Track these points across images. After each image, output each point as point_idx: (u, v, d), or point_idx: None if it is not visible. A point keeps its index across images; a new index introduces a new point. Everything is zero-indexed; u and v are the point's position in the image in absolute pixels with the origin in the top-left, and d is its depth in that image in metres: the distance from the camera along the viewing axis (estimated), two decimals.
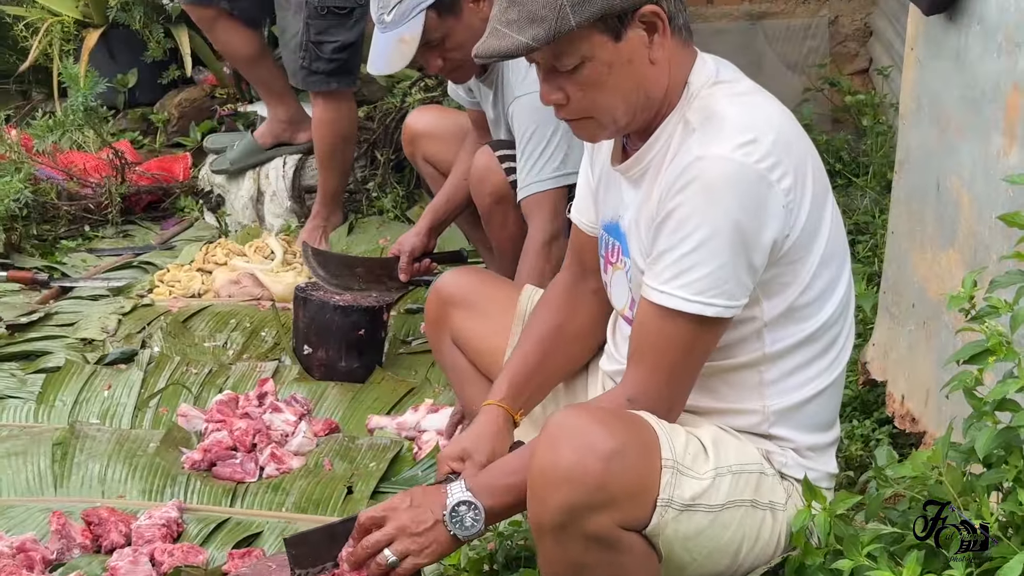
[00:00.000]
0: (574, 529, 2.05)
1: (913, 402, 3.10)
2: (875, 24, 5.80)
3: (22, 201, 4.98)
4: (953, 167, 2.93)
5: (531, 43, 2.08)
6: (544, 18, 2.07)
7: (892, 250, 3.27)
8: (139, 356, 3.98)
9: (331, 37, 4.56)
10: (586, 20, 2.08)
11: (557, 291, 2.62)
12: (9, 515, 3.14)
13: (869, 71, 5.82)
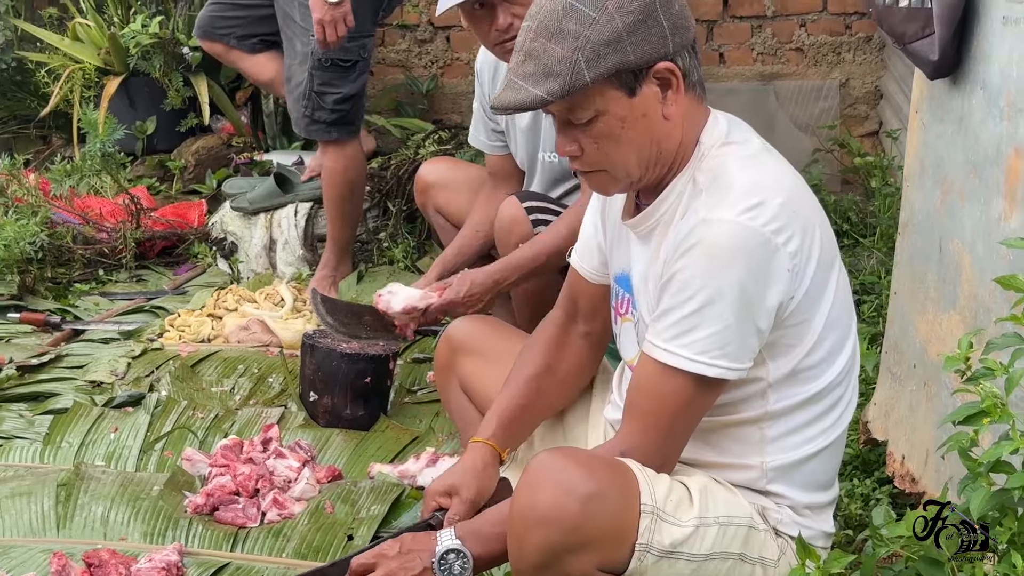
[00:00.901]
0: (553, 570, 2.06)
1: (913, 463, 3.08)
2: (885, 87, 5.82)
3: (37, 244, 4.99)
4: (955, 230, 2.93)
5: (546, 97, 2.09)
6: (559, 73, 2.08)
7: (894, 311, 3.27)
8: (146, 399, 3.97)
9: (334, 88, 4.58)
10: (600, 76, 2.09)
11: (548, 332, 2.64)
12: (11, 555, 3.11)
13: (879, 133, 5.84)
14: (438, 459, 3.47)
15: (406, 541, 2.28)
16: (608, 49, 2.10)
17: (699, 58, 2.26)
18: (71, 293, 5.05)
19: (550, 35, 2.11)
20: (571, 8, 2.10)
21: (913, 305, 3.16)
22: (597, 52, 2.09)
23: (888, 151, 5.51)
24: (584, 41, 2.09)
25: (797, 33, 5.93)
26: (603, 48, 2.09)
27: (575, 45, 2.09)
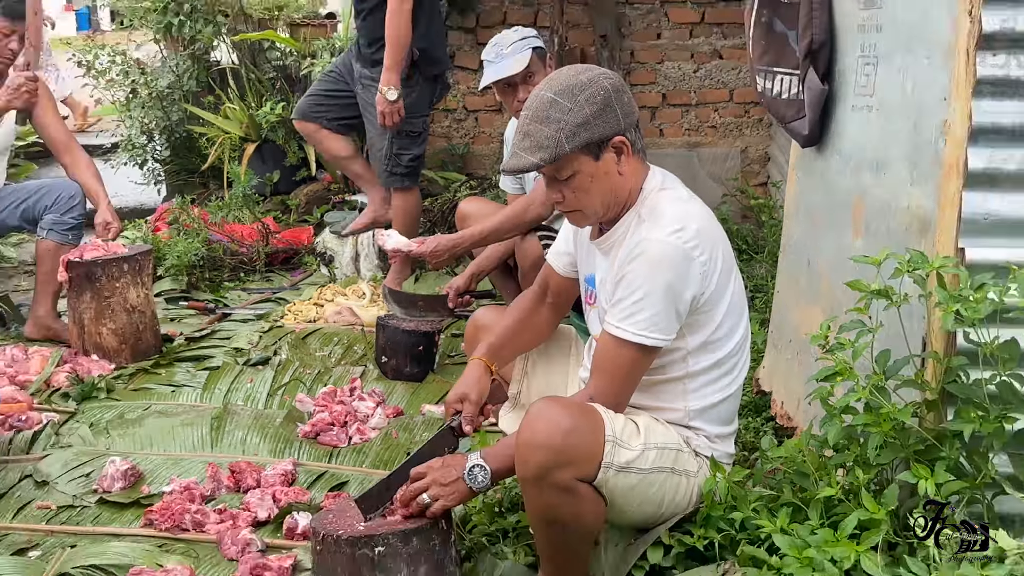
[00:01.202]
0: (545, 481, 2.06)
1: (789, 407, 3.07)
2: (772, 152, 5.81)
3: (199, 255, 5.01)
4: (818, 250, 2.92)
5: (539, 163, 2.13)
6: (548, 147, 2.12)
7: (777, 304, 3.26)
8: (272, 360, 3.98)
9: (407, 151, 4.56)
10: (576, 147, 2.13)
11: (527, 298, 2.68)
12: (180, 465, 3.13)
13: (767, 184, 5.82)
14: None
15: (447, 459, 2.28)
16: (581, 129, 2.14)
17: (641, 133, 2.31)
18: (222, 288, 5.07)
19: (540, 120, 2.15)
20: (554, 102, 2.14)
21: (789, 300, 3.15)
22: (573, 131, 2.13)
23: (773, 196, 5.49)
24: (564, 124, 2.13)
25: (712, 116, 5.92)
26: (577, 128, 2.13)
27: (558, 127, 2.13)
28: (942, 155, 2.19)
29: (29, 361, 3.98)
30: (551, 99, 2.15)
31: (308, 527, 2.62)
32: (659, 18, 5.82)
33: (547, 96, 2.16)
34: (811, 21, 2.76)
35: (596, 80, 2.17)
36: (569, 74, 2.19)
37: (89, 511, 2.87)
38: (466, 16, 5.81)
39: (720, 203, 5.75)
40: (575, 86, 2.15)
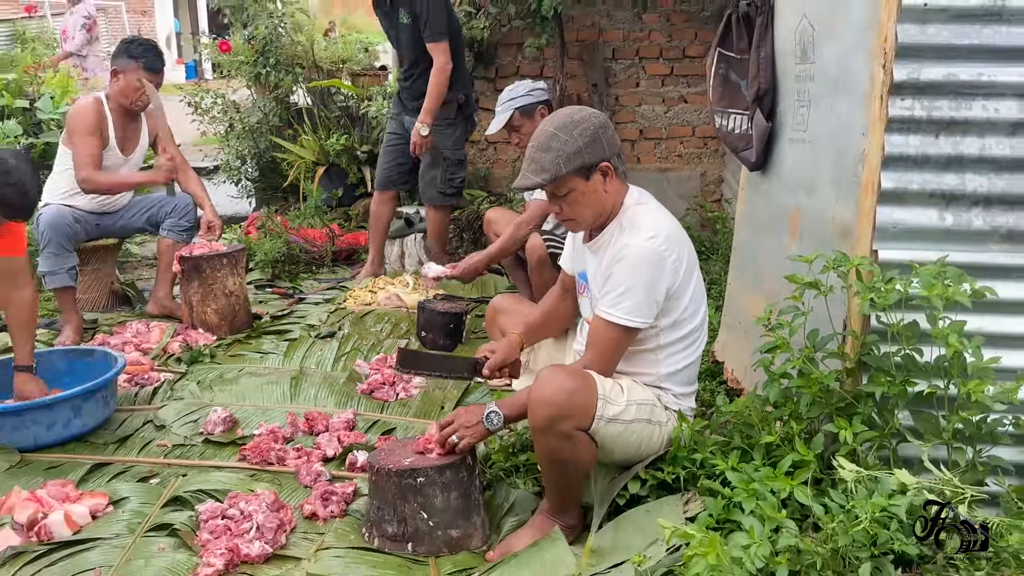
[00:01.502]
0: (551, 430, 2.07)
1: (738, 373, 3.05)
2: (725, 175, 5.77)
3: (280, 253, 5.00)
4: (762, 250, 2.90)
5: (541, 182, 2.14)
6: (548, 169, 2.13)
7: (729, 293, 3.24)
8: (337, 334, 3.96)
9: (457, 175, 4.63)
10: (571, 170, 2.14)
11: (553, 295, 2.65)
12: (268, 414, 3.12)
13: (720, 200, 5.78)
14: None
15: (470, 408, 2.28)
16: (575, 156, 2.14)
17: (623, 159, 2.31)
18: (298, 278, 5.03)
19: (543, 149, 2.16)
20: (555, 135, 2.16)
21: (738, 290, 3.13)
22: (569, 158, 2.14)
23: (725, 210, 5.45)
24: (562, 152, 2.14)
25: (678, 147, 5.88)
26: (572, 155, 2.14)
27: (557, 155, 2.14)
28: (861, 177, 2.17)
29: (150, 333, 3.99)
30: (552, 132, 2.17)
31: (365, 462, 2.63)
32: (638, 71, 5.78)
33: (549, 130, 2.18)
34: (759, 73, 2.74)
35: (587, 119, 2.18)
36: (566, 113, 2.21)
37: (196, 449, 2.88)
38: (488, 68, 5.79)
39: (684, 215, 5.71)
40: (571, 123, 2.17)
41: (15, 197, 2.78)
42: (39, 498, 2.39)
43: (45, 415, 2.80)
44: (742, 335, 3.05)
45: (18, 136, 5.23)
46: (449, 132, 4.55)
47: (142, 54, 3.96)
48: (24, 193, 2.80)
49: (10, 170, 2.74)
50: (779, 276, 2.69)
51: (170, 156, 4.08)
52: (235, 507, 2.34)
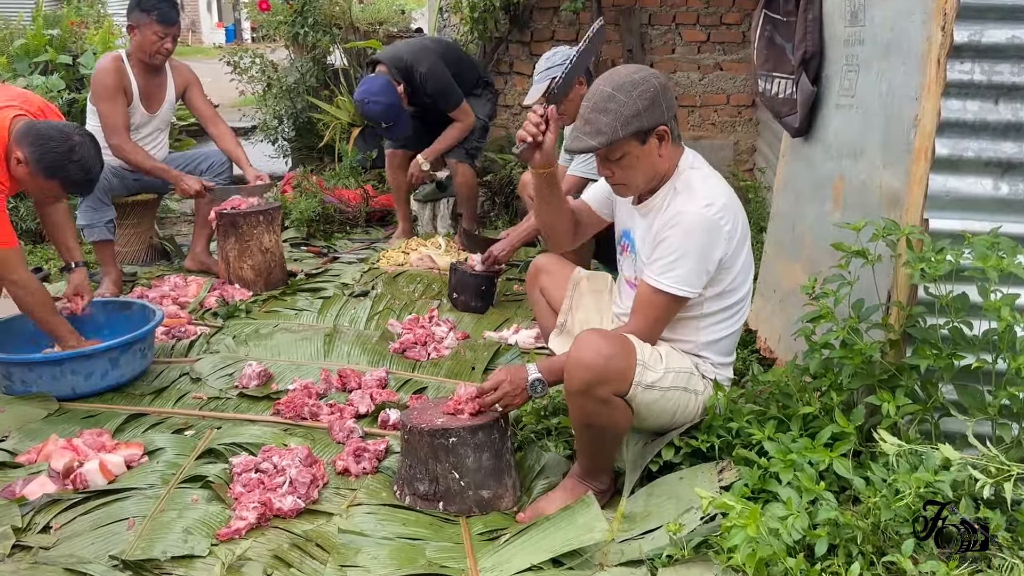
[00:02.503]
0: (588, 394, 1.98)
1: (771, 342, 2.96)
2: (758, 144, 5.60)
3: (316, 212, 4.92)
4: (802, 218, 2.79)
5: (598, 145, 2.02)
6: (605, 132, 2.01)
7: (765, 260, 3.11)
8: (370, 293, 3.90)
9: (483, 141, 4.63)
10: (627, 134, 2.01)
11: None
12: (301, 370, 3.06)
13: (753, 169, 5.62)
14: (519, 330, 3.38)
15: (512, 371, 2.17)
16: (633, 119, 2.01)
17: (678, 121, 2.15)
18: (332, 237, 4.97)
19: (599, 111, 2.03)
20: (612, 96, 2.02)
21: (776, 258, 3.02)
22: (627, 121, 2.01)
23: (758, 179, 5.30)
24: (619, 115, 2.01)
25: (712, 115, 5.71)
26: (630, 118, 2.01)
27: (615, 117, 2.01)
28: (913, 144, 2.04)
29: (188, 287, 3.95)
30: (609, 93, 2.02)
31: (398, 420, 2.58)
32: (674, 37, 5.60)
33: (606, 91, 2.03)
34: (805, 36, 2.60)
35: (647, 79, 2.04)
36: (625, 72, 2.06)
37: (231, 402, 2.84)
38: (523, 31, 5.63)
39: None
40: (630, 83, 2.03)
41: (78, 173, 2.76)
42: (75, 447, 2.36)
43: (83, 365, 2.77)
44: (777, 304, 2.94)
45: (61, 91, 5.17)
46: (474, 102, 4.49)
47: (155, 6, 3.85)
48: (88, 169, 2.78)
49: (75, 147, 2.71)
50: (820, 245, 2.58)
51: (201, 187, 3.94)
52: (268, 461, 2.29)
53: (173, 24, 3.91)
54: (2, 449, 2.44)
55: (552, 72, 3.56)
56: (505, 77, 5.75)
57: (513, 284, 3.97)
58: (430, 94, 4.30)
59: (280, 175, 6.03)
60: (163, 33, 3.87)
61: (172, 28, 3.91)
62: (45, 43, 5.53)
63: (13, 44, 5.49)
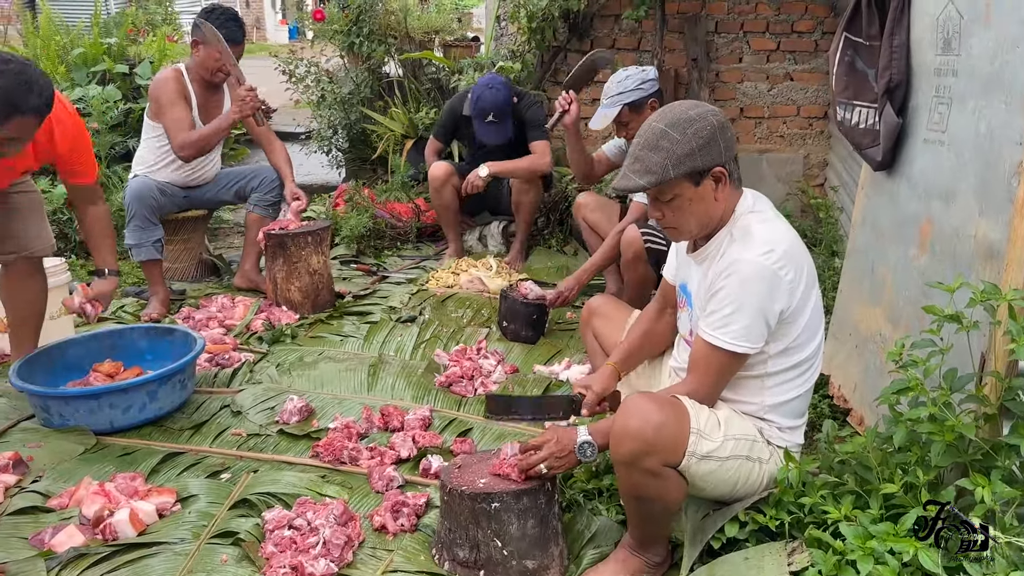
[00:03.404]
0: (635, 465, 1.82)
1: (846, 390, 2.75)
2: (830, 159, 5.33)
3: (366, 228, 4.84)
4: (883, 259, 2.57)
5: (646, 185, 1.85)
6: (655, 171, 1.84)
7: (840, 302, 2.90)
8: (418, 319, 3.78)
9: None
10: (679, 174, 1.84)
11: (650, 311, 2.36)
12: (343, 405, 2.96)
13: (824, 185, 5.35)
14: (571, 365, 3.22)
15: (560, 433, 2.02)
16: (686, 159, 1.83)
17: (738, 163, 1.97)
18: (383, 254, 4.88)
19: (651, 148, 1.86)
20: (665, 133, 1.85)
21: (852, 299, 2.80)
22: (679, 160, 1.83)
23: (830, 196, 5.03)
24: (671, 154, 1.83)
25: (781, 127, 5.45)
26: (683, 158, 1.83)
27: (666, 156, 1.84)
28: (1016, 193, 1.83)
29: (235, 308, 3.90)
30: (662, 130, 1.86)
31: (439, 468, 2.45)
32: (741, 45, 5.36)
33: (659, 127, 1.87)
34: (891, 62, 2.39)
35: (704, 116, 1.87)
36: (681, 108, 1.90)
37: (271, 440, 2.75)
38: (582, 40, 5.46)
39: (784, 200, 5.32)
40: (685, 120, 1.86)
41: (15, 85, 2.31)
42: (107, 492, 2.29)
43: (121, 399, 2.71)
44: (853, 349, 2.73)
45: (117, 101, 5.19)
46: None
47: (221, 24, 3.80)
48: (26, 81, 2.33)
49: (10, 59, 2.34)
50: (903, 291, 2.37)
51: (249, 87, 3.74)
52: (302, 517, 2.18)
53: (238, 44, 3.87)
54: (35, 491, 2.38)
55: (624, 97, 3.40)
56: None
57: (567, 311, 3.82)
58: (527, 118, 4.36)
59: (334, 186, 5.99)
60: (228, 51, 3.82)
61: (237, 47, 3.87)
62: (103, 52, 5.56)
63: (72, 53, 5.52)
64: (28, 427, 2.78)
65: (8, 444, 2.66)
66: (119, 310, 3.94)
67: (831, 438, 2.21)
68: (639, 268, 3.26)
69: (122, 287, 4.32)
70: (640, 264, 3.25)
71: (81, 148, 2.89)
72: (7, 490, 2.38)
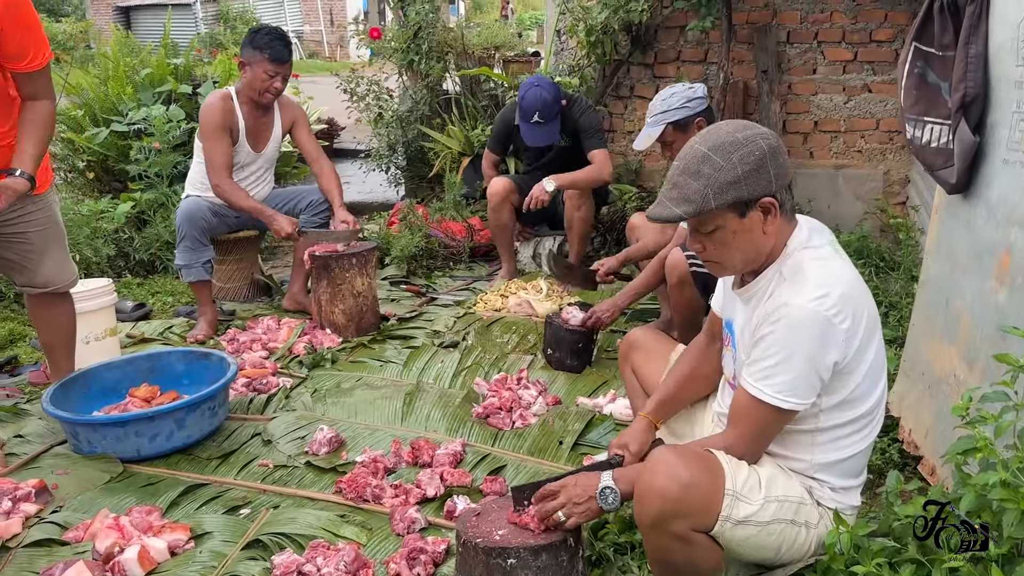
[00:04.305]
0: (661, 528, 1.64)
1: (917, 435, 2.49)
2: (912, 176, 4.99)
3: (418, 247, 4.76)
4: (958, 292, 2.32)
5: (682, 215, 1.66)
6: (693, 200, 1.65)
7: (912, 336, 2.64)
8: (461, 344, 3.65)
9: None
10: (722, 204, 1.65)
11: (694, 348, 2.14)
12: (375, 436, 2.86)
13: (906, 204, 5.01)
14: (616, 398, 3.03)
15: (580, 478, 1.85)
16: (729, 187, 1.63)
17: (792, 193, 1.74)
18: (433, 275, 4.78)
19: (690, 174, 1.66)
20: (707, 157, 1.65)
21: (925, 336, 2.54)
22: (722, 189, 1.63)
23: (911, 216, 4.71)
24: (713, 181, 1.63)
25: (859, 142, 5.14)
26: (726, 186, 1.63)
27: (706, 183, 1.64)
28: None
29: (279, 331, 3.85)
30: (704, 154, 1.66)
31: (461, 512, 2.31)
32: (815, 56, 5.09)
33: (701, 151, 1.67)
34: (966, 75, 2.14)
35: (753, 140, 1.66)
36: (727, 131, 1.69)
37: (297, 472, 2.66)
38: (645, 53, 5.28)
39: (861, 219, 5.02)
40: (731, 144, 1.65)
41: None
42: (121, 527, 2.23)
43: (147, 427, 2.66)
44: (925, 390, 2.48)
45: (180, 121, 5.26)
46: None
47: (267, 44, 3.77)
48: None
49: None
50: (980, 329, 2.12)
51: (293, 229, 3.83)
52: (312, 562, 2.07)
53: (284, 63, 3.83)
54: (53, 522, 2.35)
55: (668, 116, 3.22)
56: (625, 101, 5.42)
57: (616, 338, 3.63)
58: (581, 125, 4.24)
59: (392, 204, 5.95)
60: (273, 72, 3.80)
61: (283, 67, 3.83)
62: (168, 73, 5.66)
63: (140, 74, 5.64)
64: (60, 452, 2.77)
65: (38, 471, 2.64)
66: (167, 331, 3.94)
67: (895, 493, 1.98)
68: (685, 293, 3.07)
69: (173, 307, 4.35)
70: (686, 288, 3.05)
71: (22, 24, 2.43)
72: (26, 520, 2.35)
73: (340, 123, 8.18)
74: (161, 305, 4.39)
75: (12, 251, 2.75)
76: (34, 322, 2.98)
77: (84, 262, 4.51)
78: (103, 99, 5.57)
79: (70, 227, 4.50)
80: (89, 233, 4.68)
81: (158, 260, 4.90)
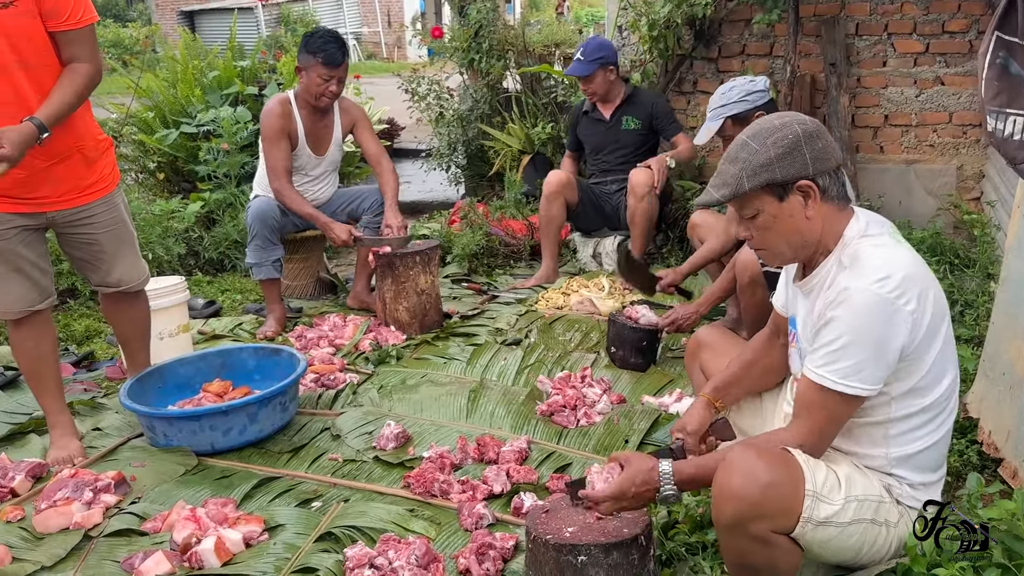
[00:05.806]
0: (740, 530, 1.62)
1: (997, 437, 2.41)
2: (987, 170, 4.83)
3: (479, 246, 4.79)
4: None
5: (720, 199, 1.72)
6: (730, 184, 1.70)
7: (992, 335, 2.56)
8: (524, 342, 3.66)
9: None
10: (756, 187, 1.69)
11: (759, 340, 2.14)
12: (440, 432, 2.89)
13: (980, 199, 4.86)
14: (682, 397, 3.01)
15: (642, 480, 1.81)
16: (762, 169, 1.67)
17: (841, 179, 1.75)
18: (494, 273, 4.81)
19: (730, 160, 1.72)
20: (745, 144, 1.71)
21: (1006, 335, 2.46)
22: (755, 171, 1.68)
23: (987, 212, 4.56)
24: (747, 164, 1.68)
25: (931, 136, 5.00)
26: (759, 168, 1.68)
27: (741, 167, 1.69)
28: None
29: (345, 328, 3.92)
30: (743, 141, 1.73)
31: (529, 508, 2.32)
32: (885, 48, 4.96)
33: (741, 139, 1.74)
34: None
35: (788, 124, 1.71)
36: (768, 119, 1.76)
37: (366, 466, 2.70)
38: (709, 47, 5.22)
39: (934, 216, 4.88)
40: (766, 129, 1.72)
41: None
42: (198, 518, 2.29)
43: (221, 421, 2.74)
44: (1006, 391, 2.40)
45: (247, 122, 5.38)
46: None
47: (321, 47, 3.82)
48: None
49: None
50: None
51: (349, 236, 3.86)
52: (383, 555, 2.10)
53: (338, 66, 3.87)
54: (132, 512, 2.43)
55: (727, 110, 3.19)
56: (688, 97, 5.36)
57: (681, 337, 3.60)
58: (658, 113, 4.51)
59: (452, 203, 5.99)
60: (328, 75, 3.85)
61: (337, 70, 3.87)
62: (235, 75, 5.79)
63: (208, 76, 5.78)
64: (137, 444, 2.86)
65: (116, 463, 2.74)
66: (236, 327, 4.04)
67: (976, 496, 1.93)
68: (756, 293, 3.02)
69: (242, 304, 4.45)
70: (758, 289, 3.01)
71: None
72: (107, 510, 2.44)
73: (400, 123, 8.27)
74: (230, 303, 4.49)
75: (83, 251, 2.82)
76: (109, 319, 3.07)
77: (156, 261, 4.64)
78: (172, 101, 5.72)
79: (142, 227, 4.65)
80: (160, 232, 4.82)
81: (226, 258, 5.02)
